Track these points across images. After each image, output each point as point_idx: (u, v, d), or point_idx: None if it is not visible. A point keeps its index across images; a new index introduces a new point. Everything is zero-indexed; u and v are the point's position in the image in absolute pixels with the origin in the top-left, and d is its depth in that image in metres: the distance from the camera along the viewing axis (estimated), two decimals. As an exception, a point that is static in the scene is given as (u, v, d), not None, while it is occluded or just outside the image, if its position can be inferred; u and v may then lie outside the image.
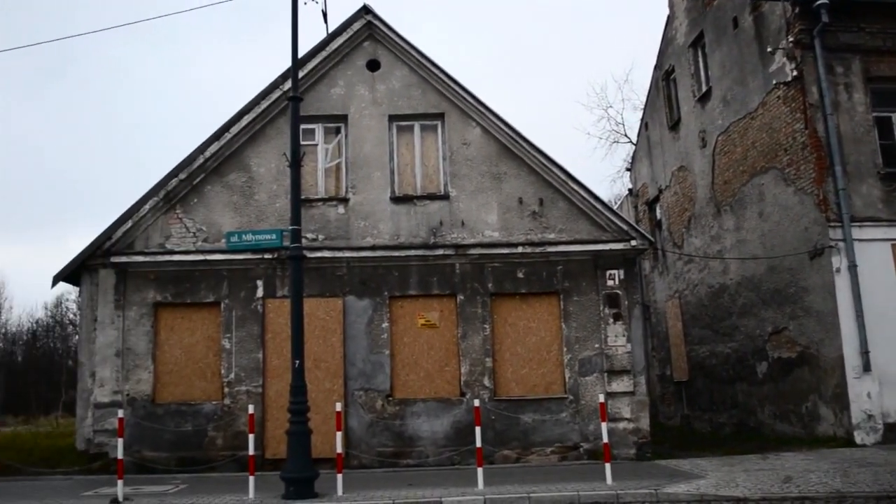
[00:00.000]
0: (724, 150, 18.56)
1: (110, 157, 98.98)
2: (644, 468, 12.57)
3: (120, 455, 10.64)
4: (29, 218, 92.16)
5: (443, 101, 15.26)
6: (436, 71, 15.16)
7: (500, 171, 15.02)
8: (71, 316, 50.40)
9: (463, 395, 14.20)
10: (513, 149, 15.00)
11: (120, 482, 10.48)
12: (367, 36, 15.44)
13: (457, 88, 15.11)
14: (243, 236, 14.53)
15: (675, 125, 21.61)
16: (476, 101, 15.05)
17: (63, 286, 15.91)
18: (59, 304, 52.04)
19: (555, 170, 14.82)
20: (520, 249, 14.62)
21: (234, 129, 14.94)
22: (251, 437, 10.85)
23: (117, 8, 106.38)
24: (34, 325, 53.47)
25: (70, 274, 14.86)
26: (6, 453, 12.23)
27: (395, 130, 15.33)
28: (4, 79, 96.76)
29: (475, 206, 14.89)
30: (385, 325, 14.45)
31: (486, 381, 14.24)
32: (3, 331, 51.91)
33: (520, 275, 14.67)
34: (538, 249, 14.62)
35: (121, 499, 10.30)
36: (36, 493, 11.49)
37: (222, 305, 14.58)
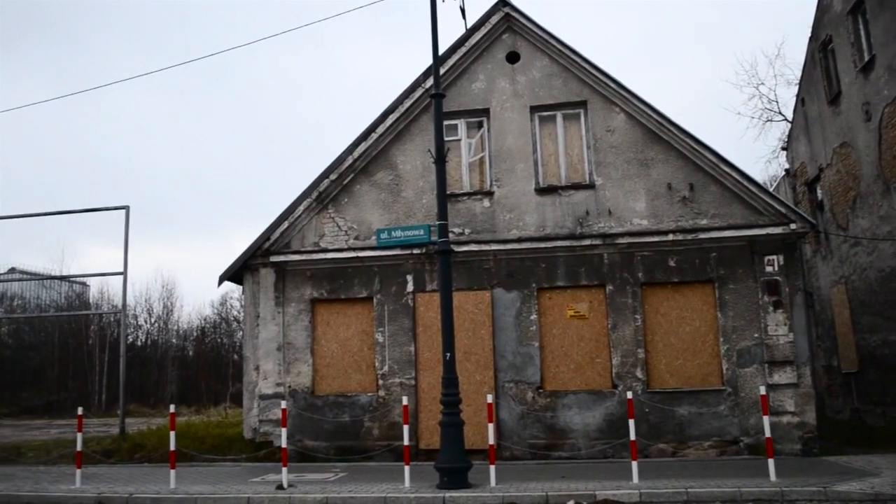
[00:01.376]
0: (893, 123, 17.30)
1: (269, 160, 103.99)
2: (810, 464, 11.96)
3: (284, 444, 11.19)
4: (196, 222, 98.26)
5: (585, 88, 15.04)
6: (577, 59, 14.96)
7: (646, 157, 14.65)
8: (235, 313, 53.28)
9: (615, 386, 13.98)
10: (660, 133, 14.59)
11: (284, 469, 11.02)
12: (505, 28, 15.44)
13: (599, 75, 14.86)
14: (392, 233, 14.89)
15: (834, 99, 20.32)
16: (619, 87, 14.74)
17: (228, 285, 16.88)
18: (224, 302, 55.20)
19: (705, 153, 14.30)
20: (670, 237, 14.21)
21: (380, 129, 15.34)
22: (406, 427, 11.13)
23: (267, 18, 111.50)
24: (202, 322, 56.93)
25: (234, 273, 15.76)
26: (182, 441, 13.09)
27: (537, 121, 15.26)
28: (173, 91, 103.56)
29: (622, 193, 14.60)
30: (534, 316, 14.44)
31: (639, 373, 13.96)
32: (176, 328, 55.59)
33: (671, 263, 14.26)
34: (690, 236, 14.16)
35: (285, 485, 10.82)
36: (209, 479, 12.26)
37: (375, 300, 15.03)
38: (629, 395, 11.26)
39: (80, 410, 12.85)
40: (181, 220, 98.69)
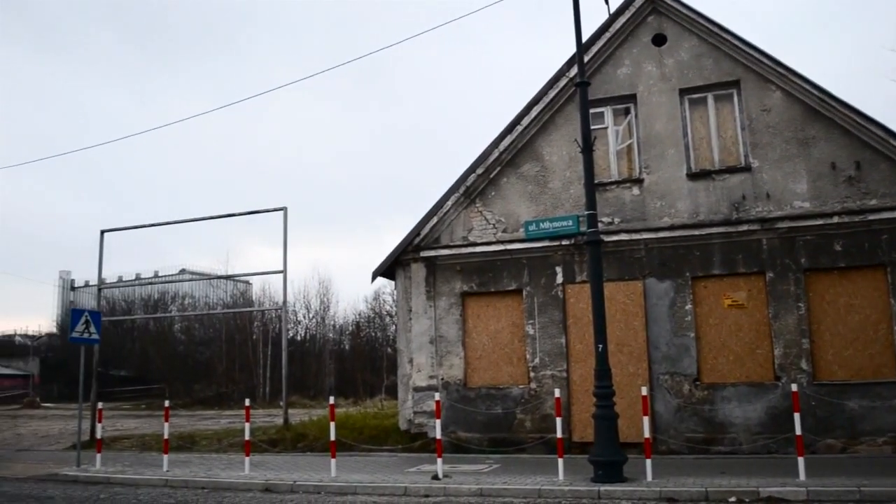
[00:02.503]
0: None
1: (419, 156, 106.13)
2: None
3: (438, 435, 11.37)
4: (350, 220, 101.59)
5: (737, 67, 14.38)
6: (728, 37, 14.32)
7: (806, 136, 13.84)
8: (387, 308, 54.67)
9: (777, 378, 13.31)
10: (820, 110, 13.74)
11: (439, 460, 11.19)
12: (650, 11, 14.98)
13: (752, 52, 14.16)
14: (541, 224, 14.82)
15: None
16: (775, 64, 13.99)
17: (380, 280, 17.32)
18: (377, 297, 56.74)
19: (872, 128, 13.33)
20: (835, 220, 13.35)
21: (525, 121, 15.29)
22: (558, 420, 11.05)
23: (415, 16, 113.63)
24: (357, 316, 58.85)
25: (386, 269, 16.17)
26: (341, 431, 13.57)
27: (686, 104, 14.72)
28: (325, 93, 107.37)
29: (780, 175, 13.86)
30: (688, 306, 13.97)
31: (804, 364, 13.22)
32: (332, 323, 57.76)
33: (837, 247, 13.41)
34: (857, 218, 13.26)
35: (440, 476, 10.99)
36: (367, 468, 12.65)
37: (524, 292, 15.00)
38: (794, 387, 10.67)
39: (247, 402, 13.59)
40: (336, 218, 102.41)
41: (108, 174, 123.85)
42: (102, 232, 20.21)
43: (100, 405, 15.28)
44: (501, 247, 15.19)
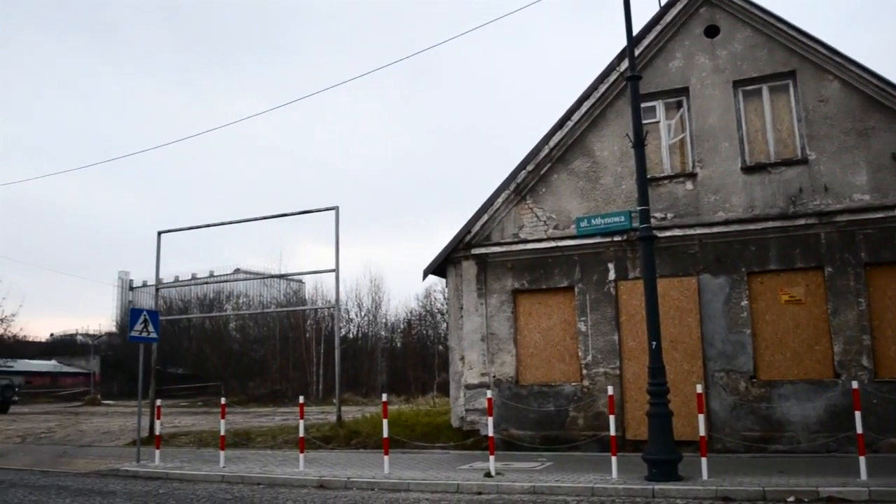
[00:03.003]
0: None
1: (471, 152, 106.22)
2: None
3: (490, 433, 11.36)
4: (401, 218, 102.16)
5: (792, 57, 14.06)
6: (782, 27, 14.02)
7: (866, 127, 13.46)
8: (439, 305, 54.85)
9: (837, 376, 12.99)
10: (880, 99, 13.36)
11: (491, 458, 11.18)
12: (702, 2, 14.73)
13: (808, 42, 13.83)
14: (592, 221, 14.71)
15: None
16: (832, 53, 13.65)
17: (431, 278, 17.36)
18: (428, 295, 56.94)
19: (936, 119, 12.93)
20: (897, 212, 12.99)
21: (575, 117, 15.18)
22: (612, 418, 10.95)
23: (467, 12, 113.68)
24: (409, 314, 59.12)
25: (437, 267, 16.21)
26: (393, 429, 13.65)
27: (740, 96, 14.44)
28: (377, 91, 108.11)
29: (839, 168, 13.52)
30: (744, 302, 13.71)
31: (865, 361, 12.87)
32: (384, 321, 58.14)
33: (899, 241, 13.03)
34: (921, 211, 12.87)
35: (493, 473, 10.98)
36: (419, 465, 12.69)
37: (576, 289, 14.90)
38: (854, 384, 10.41)
39: (300, 399, 13.73)
40: (387, 216, 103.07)
41: (166, 175, 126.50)
42: (159, 233, 20.62)
43: (158, 402, 15.61)
44: (552, 244, 15.11)
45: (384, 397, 12.78)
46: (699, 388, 10.75)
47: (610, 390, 11.34)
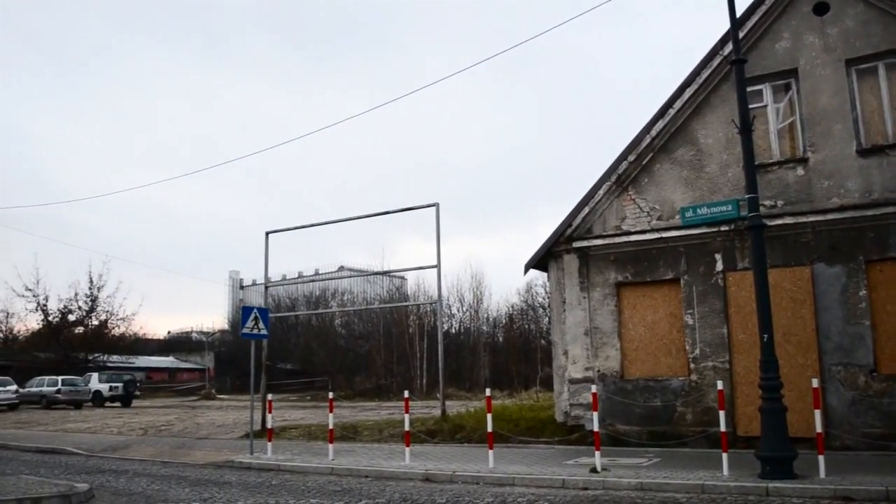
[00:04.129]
0: None
1: (571, 143, 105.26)
2: None
3: (595, 428, 11.21)
4: (501, 212, 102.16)
5: (912, 33, 13.28)
6: (901, 1, 13.27)
7: None
8: (540, 300, 54.59)
9: (968, 369, 12.22)
10: None
11: (597, 453, 11.03)
12: (813, -21, 14.09)
13: (930, 16, 13.04)
14: (698, 210, 14.31)
15: None
16: (957, 27, 12.83)
17: (532, 272, 17.28)
18: (528, 289, 56.77)
19: None
20: None
21: (678, 104, 14.79)
22: (721, 413, 10.65)
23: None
24: (510, 309, 59.11)
25: (538, 261, 16.12)
26: (497, 423, 13.65)
27: (854, 75, 13.73)
28: (477, 84, 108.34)
29: (966, 149, 12.69)
30: (862, 292, 13.05)
31: None
32: (486, 316, 58.27)
33: None
34: None
35: (599, 469, 10.84)
36: (524, 460, 12.66)
37: (682, 281, 14.53)
38: None
39: (405, 393, 13.91)
40: (488, 211, 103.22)
41: (273, 176, 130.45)
42: (267, 233, 21.26)
43: (269, 397, 16.11)
44: (656, 235, 14.78)
45: (487, 392, 12.80)
46: (815, 383, 10.30)
47: (719, 385, 11.02)
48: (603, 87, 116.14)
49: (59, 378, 40.81)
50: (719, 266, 14.21)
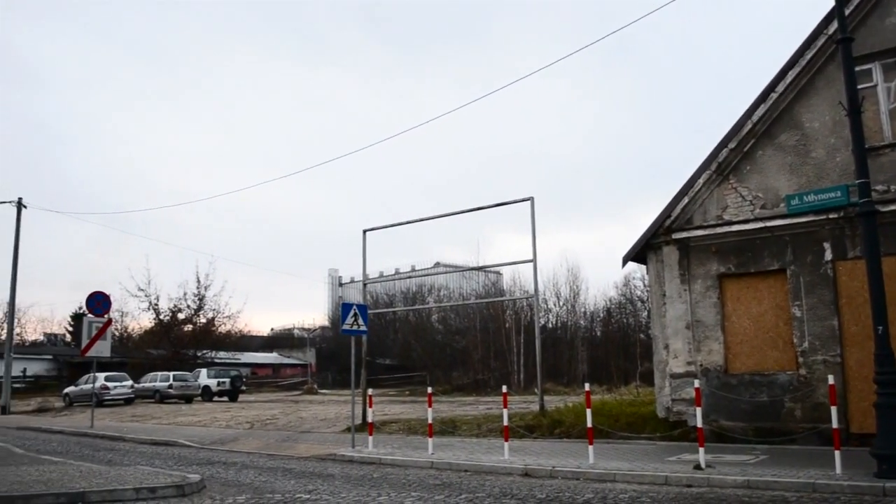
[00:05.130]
0: None
1: (670, 132, 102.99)
2: None
3: (699, 423, 10.93)
4: (597, 204, 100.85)
5: None
6: None
7: None
8: (638, 293, 53.65)
9: None
10: None
11: (701, 450, 10.75)
12: (927, -50, 13.32)
13: None
14: (804, 197, 13.74)
15: None
16: None
17: (630, 265, 16.98)
18: (626, 282, 55.88)
19: None
20: None
21: (780, 88, 14.23)
22: (833, 409, 10.20)
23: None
24: (607, 303, 58.30)
25: (636, 253, 15.82)
26: (597, 418, 13.48)
27: (976, 52, 12.92)
28: (571, 74, 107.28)
29: None
30: None
31: None
32: (583, 310, 57.65)
33: None
34: None
35: (703, 465, 10.56)
36: (625, 456, 12.45)
37: (788, 272, 13.99)
38: None
39: (503, 388, 13.88)
40: (583, 203, 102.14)
41: (369, 174, 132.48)
42: (365, 231, 21.61)
43: (370, 392, 16.37)
44: (760, 224, 14.27)
45: (586, 387, 12.64)
46: (936, 377, 9.75)
47: (830, 379, 10.57)
48: (702, 72, 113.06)
49: (171, 374, 42.60)
50: (828, 255, 13.61)
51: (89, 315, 23.22)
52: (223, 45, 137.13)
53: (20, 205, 36.26)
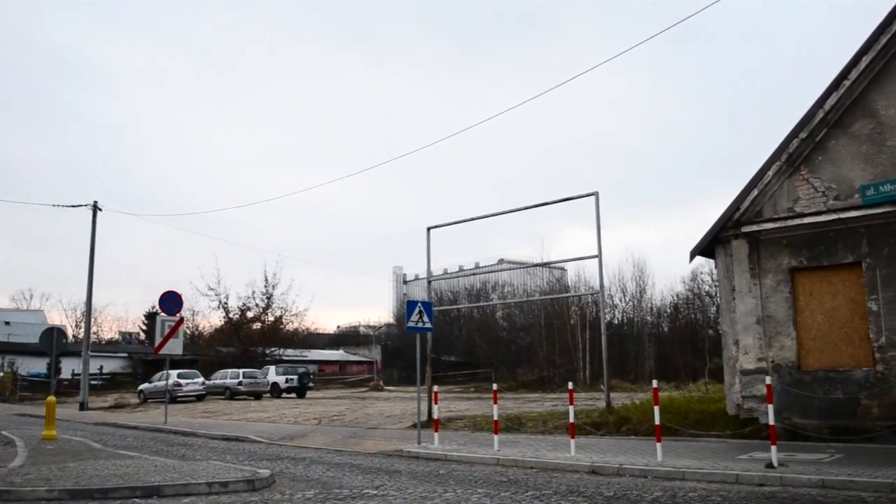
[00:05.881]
0: None
1: (738, 121, 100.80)
2: None
3: (771, 421, 10.69)
4: (664, 197, 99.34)
5: None
6: None
7: None
8: (706, 288, 52.62)
9: None
10: None
11: (773, 448, 10.51)
12: None
13: None
14: (881, 188, 13.28)
15: None
16: None
17: (697, 260, 16.66)
18: (694, 277, 54.83)
19: None
20: None
21: (853, 75, 13.78)
22: (914, 406, 9.85)
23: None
24: (675, 298, 57.31)
25: (704, 247, 15.52)
26: (664, 416, 13.27)
27: None
28: (641, 63, 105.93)
29: None
30: None
31: None
32: (649, 305, 56.81)
33: None
34: None
35: (775, 464, 10.31)
36: (694, 453, 12.25)
37: (864, 265, 13.56)
38: None
39: (569, 385, 13.79)
40: (649, 196, 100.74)
41: (432, 171, 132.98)
42: (429, 229, 21.68)
43: (435, 388, 16.43)
44: (833, 216, 13.86)
45: (654, 383, 12.46)
46: None
47: (910, 375, 10.21)
48: (772, 61, 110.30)
49: (241, 371, 43.49)
50: (907, 247, 13.15)
51: (162, 314, 23.88)
52: (287, 45, 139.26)
53: (95, 208, 37.44)
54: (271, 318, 58.91)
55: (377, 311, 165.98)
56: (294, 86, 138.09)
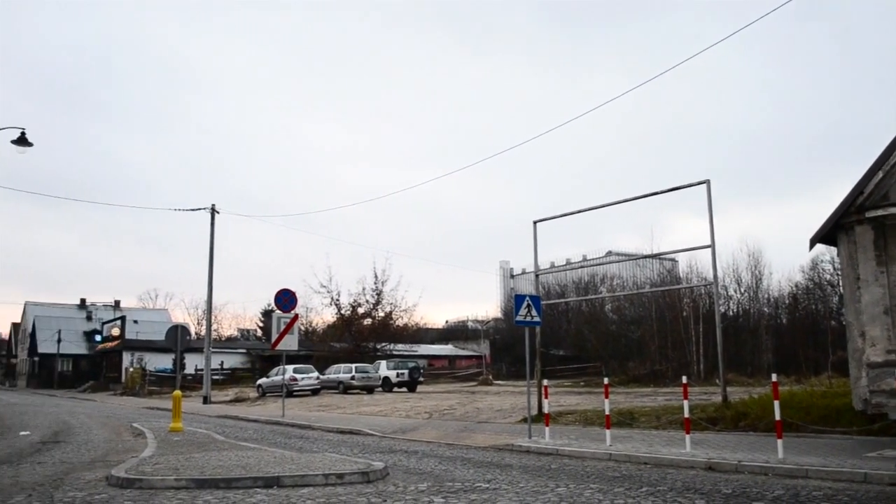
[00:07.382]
0: None
1: (865, 98, 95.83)
2: None
3: (903, 417, 10.11)
4: (781, 183, 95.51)
5: None
6: None
7: None
8: (827, 277, 50.40)
9: None
10: None
11: (907, 445, 9.94)
12: None
13: None
14: None
15: None
16: None
17: (817, 247, 15.93)
18: (814, 266, 52.60)
19: None
20: None
21: None
22: None
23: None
24: (793, 288, 55.11)
25: (825, 235, 14.83)
26: (785, 411, 12.74)
27: None
28: (757, 42, 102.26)
29: None
30: None
31: None
32: (766, 296, 54.82)
33: None
34: None
35: (911, 463, 9.77)
36: (817, 450, 11.72)
37: None
38: None
39: (683, 379, 13.45)
40: (764, 182, 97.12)
41: (537, 163, 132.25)
42: (535, 222, 21.56)
43: (545, 382, 16.33)
44: (968, 199, 13.00)
45: (773, 377, 11.99)
46: None
47: None
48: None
49: (353, 366, 44.45)
50: None
51: (277, 311, 24.64)
52: (393, 42, 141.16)
53: (213, 210, 39.03)
54: (381, 314, 59.97)
55: (485, 305, 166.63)
56: (402, 81, 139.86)
